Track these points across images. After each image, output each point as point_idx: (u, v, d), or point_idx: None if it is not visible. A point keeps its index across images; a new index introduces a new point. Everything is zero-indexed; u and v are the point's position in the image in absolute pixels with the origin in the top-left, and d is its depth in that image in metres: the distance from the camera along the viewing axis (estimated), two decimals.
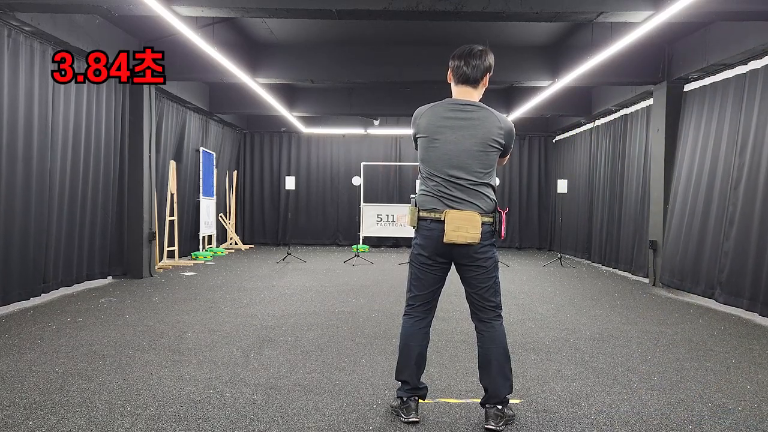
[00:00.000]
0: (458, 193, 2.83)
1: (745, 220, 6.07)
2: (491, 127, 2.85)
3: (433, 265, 2.91)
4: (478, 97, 2.94)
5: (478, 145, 2.83)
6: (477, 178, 2.84)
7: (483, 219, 2.82)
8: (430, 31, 7.84)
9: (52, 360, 3.88)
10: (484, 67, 2.89)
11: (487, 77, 2.93)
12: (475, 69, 2.88)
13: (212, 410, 3.02)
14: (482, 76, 2.91)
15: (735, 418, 3.06)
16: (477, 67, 2.88)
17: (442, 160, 2.85)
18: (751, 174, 6.07)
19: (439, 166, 2.86)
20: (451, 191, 2.83)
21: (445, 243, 2.79)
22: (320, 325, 5.11)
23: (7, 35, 5.52)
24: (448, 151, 2.85)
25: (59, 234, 6.49)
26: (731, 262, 6.20)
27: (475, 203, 2.83)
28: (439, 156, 2.86)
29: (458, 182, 2.83)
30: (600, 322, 5.43)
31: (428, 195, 2.88)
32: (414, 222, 2.91)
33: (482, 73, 2.90)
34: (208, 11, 5.49)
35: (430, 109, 2.93)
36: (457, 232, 2.77)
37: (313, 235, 13.88)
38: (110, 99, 7.46)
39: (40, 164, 6.05)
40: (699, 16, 5.47)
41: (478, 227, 2.77)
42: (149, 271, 8.05)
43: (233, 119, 12.65)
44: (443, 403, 3.19)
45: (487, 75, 2.93)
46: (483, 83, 2.93)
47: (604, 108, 10.09)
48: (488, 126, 2.85)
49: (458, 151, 2.83)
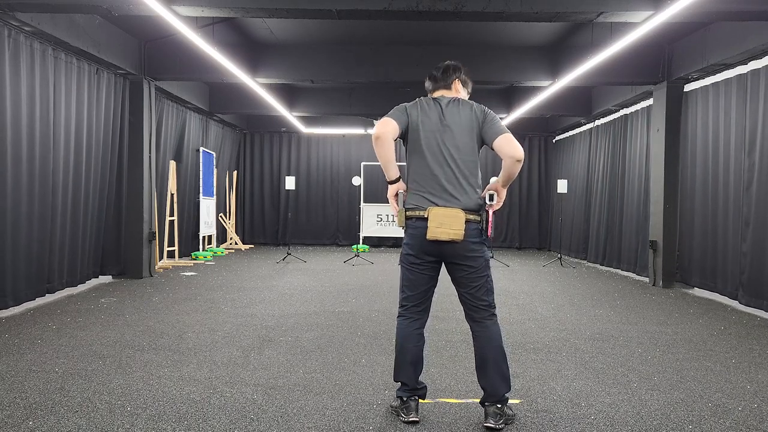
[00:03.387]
0: (440, 189, 2.84)
1: (760, 221, 6.07)
2: (468, 114, 2.88)
3: (422, 264, 2.90)
4: (455, 94, 3.02)
5: (458, 139, 2.87)
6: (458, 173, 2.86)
7: (468, 216, 2.81)
8: (430, 31, 7.84)
9: (52, 360, 3.88)
10: (451, 71, 3.01)
11: (458, 82, 3.02)
12: (443, 72, 3.02)
13: (212, 410, 3.02)
14: (451, 79, 3.01)
15: (735, 418, 3.06)
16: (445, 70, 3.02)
17: (425, 156, 2.90)
18: (762, 175, 6.08)
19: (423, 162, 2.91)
20: (435, 188, 2.85)
21: (429, 240, 2.80)
22: (320, 325, 5.11)
23: (8, 35, 5.52)
24: (430, 147, 2.88)
25: (63, 234, 6.50)
26: (750, 264, 6.21)
27: (457, 198, 2.83)
28: (423, 152, 2.91)
29: (440, 178, 2.86)
30: (600, 322, 5.43)
31: (413, 194, 2.92)
32: (402, 222, 2.93)
33: (450, 76, 3.00)
34: (208, 11, 5.48)
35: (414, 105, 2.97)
36: (439, 229, 2.78)
37: (313, 235, 13.88)
38: (110, 99, 7.46)
39: (42, 165, 6.06)
40: (699, 16, 5.47)
41: (461, 224, 2.77)
42: (149, 271, 8.05)
43: (233, 119, 12.66)
44: (443, 403, 3.19)
45: (457, 80, 3.02)
46: (455, 86, 3.02)
47: (604, 108, 10.09)
48: (465, 114, 2.88)
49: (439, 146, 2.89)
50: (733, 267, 6.64)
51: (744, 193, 6.38)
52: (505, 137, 2.81)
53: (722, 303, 6.58)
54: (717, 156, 7.02)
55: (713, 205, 7.09)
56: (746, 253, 6.29)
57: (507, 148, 2.79)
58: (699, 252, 7.38)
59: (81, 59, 6.75)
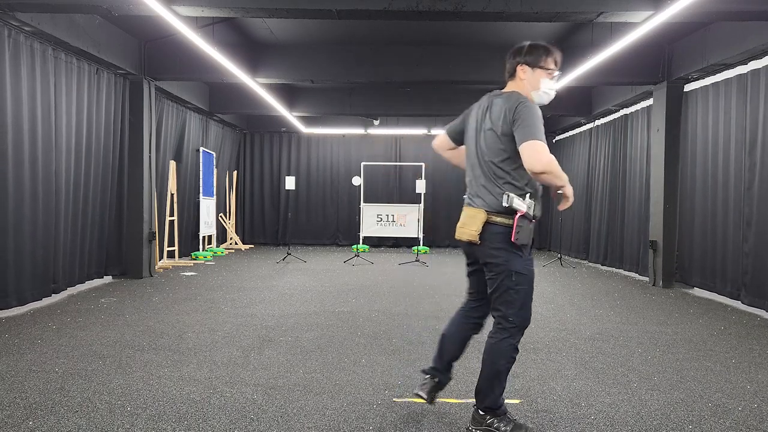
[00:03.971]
0: (472, 190, 2.83)
1: (762, 221, 6.07)
2: (498, 112, 2.66)
3: (468, 264, 2.92)
4: (512, 87, 2.79)
5: (489, 140, 2.72)
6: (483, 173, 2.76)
7: (492, 218, 2.66)
8: (430, 31, 7.84)
9: (52, 360, 3.88)
10: (511, 56, 2.82)
11: (518, 68, 2.77)
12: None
13: (212, 410, 3.02)
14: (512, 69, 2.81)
15: (735, 418, 3.06)
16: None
17: (468, 157, 2.90)
18: (763, 174, 6.08)
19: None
20: (470, 188, 2.84)
21: (456, 239, 2.82)
22: (320, 325, 5.11)
23: (8, 35, 5.52)
24: (470, 148, 2.86)
25: (65, 235, 6.51)
26: (753, 264, 6.21)
27: (482, 199, 2.73)
28: (467, 153, 2.91)
29: (472, 179, 2.86)
30: (600, 322, 5.43)
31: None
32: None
33: (509, 63, 2.83)
34: (208, 11, 5.48)
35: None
36: (461, 228, 2.77)
37: (313, 235, 13.88)
38: (110, 99, 7.46)
39: (45, 166, 6.07)
40: (699, 16, 5.47)
41: (478, 225, 2.68)
42: (149, 271, 8.05)
43: (233, 119, 12.65)
44: (443, 403, 3.19)
45: (517, 66, 2.78)
46: (516, 76, 2.79)
47: (604, 108, 10.09)
48: (496, 112, 2.68)
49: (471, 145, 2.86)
50: (734, 267, 6.64)
51: (745, 193, 6.38)
52: (527, 146, 2.53)
53: (722, 303, 6.58)
54: (717, 156, 7.02)
55: (713, 205, 7.09)
56: (748, 254, 6.28)
57: (526, 160, 2.54)
58: (699, 252, 7.38)
59: (81, 59, 6.75)
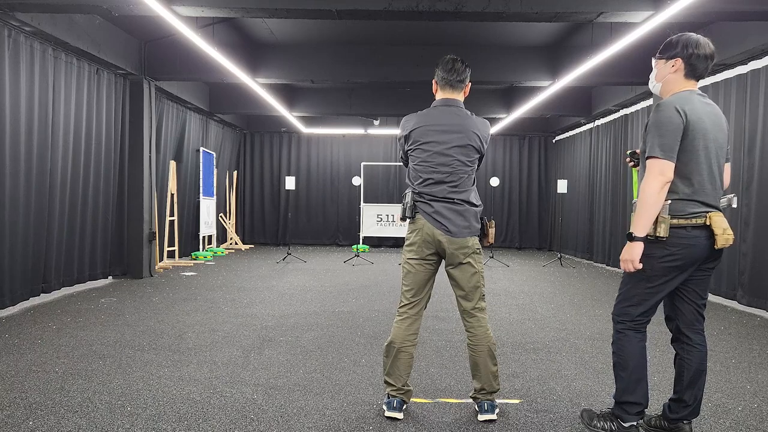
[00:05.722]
0: (714, 198, 2.76)
1: (760, 221, 6.06)
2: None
3: (678, 276, 2.86)
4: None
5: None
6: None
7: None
8: (430, 31, 7.85)
9: (52, 360, 3.88)
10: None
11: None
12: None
13: (212, 410, 3.02)
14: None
15: (735, 418, 3.06)
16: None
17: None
18: (763, 174, 6.07)
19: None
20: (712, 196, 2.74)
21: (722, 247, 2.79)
22: (320, 325, 5.11)
23: (8, 35, 5.52)
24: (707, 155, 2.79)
25: (60, 234, 6.49)
26: (751, 264, 6.21)
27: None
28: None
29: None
30: (600, 322, 5.43)
31: None
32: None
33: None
34: (208, 11, 5.49)
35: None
36: (731, 236, 2.74)
37: (313, 235, 13.89)
38: (110, 99, 7.46)
39: (40, 164, 6.06)
40: (699, 16, 5.47)
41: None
42: (149, 271, 8.05)
43: (233, 119, 12.66)
44: (443, 403, 3.19)
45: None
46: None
47: (604, 108, 10.09)
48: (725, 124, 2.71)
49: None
50: (730, 267, 6.63)
51: (744, 192, 6.37)
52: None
53: (721, 303, 6.58)
54: None
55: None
56: (746, 254, 6.28)
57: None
58: None
59: (81, 59, 6.75)
